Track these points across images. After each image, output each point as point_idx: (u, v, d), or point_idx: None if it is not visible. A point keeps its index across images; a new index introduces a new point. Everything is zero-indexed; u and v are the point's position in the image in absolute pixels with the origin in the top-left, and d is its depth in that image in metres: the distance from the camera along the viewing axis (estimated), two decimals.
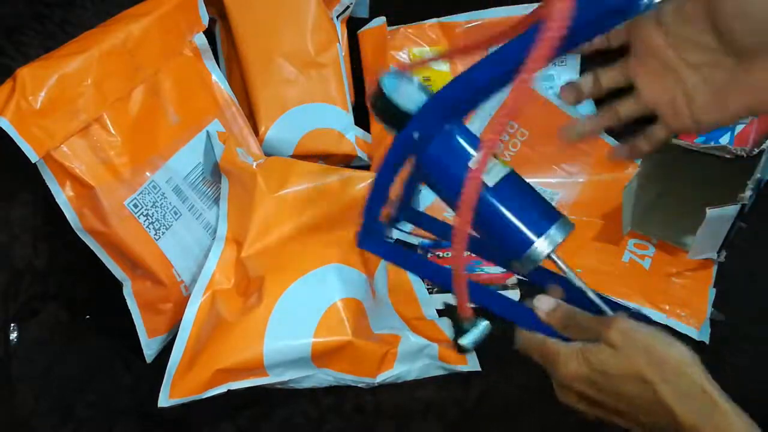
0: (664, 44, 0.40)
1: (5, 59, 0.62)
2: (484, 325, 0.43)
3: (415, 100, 0.42)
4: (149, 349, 0.64)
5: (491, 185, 0.41)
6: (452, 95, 0.40)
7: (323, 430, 0.61)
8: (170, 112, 0.65)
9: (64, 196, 0.58)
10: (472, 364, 0.64)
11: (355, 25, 0.84)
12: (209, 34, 0.74)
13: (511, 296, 0.68)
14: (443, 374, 0.64)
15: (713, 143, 0.71)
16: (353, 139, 0.82)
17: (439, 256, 0.74)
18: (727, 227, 0.67)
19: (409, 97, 0.42)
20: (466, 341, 0.43)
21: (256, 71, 0.78)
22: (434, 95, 0.41)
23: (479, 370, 0.63)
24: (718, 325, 0.67)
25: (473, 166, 0.36)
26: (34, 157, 0.54)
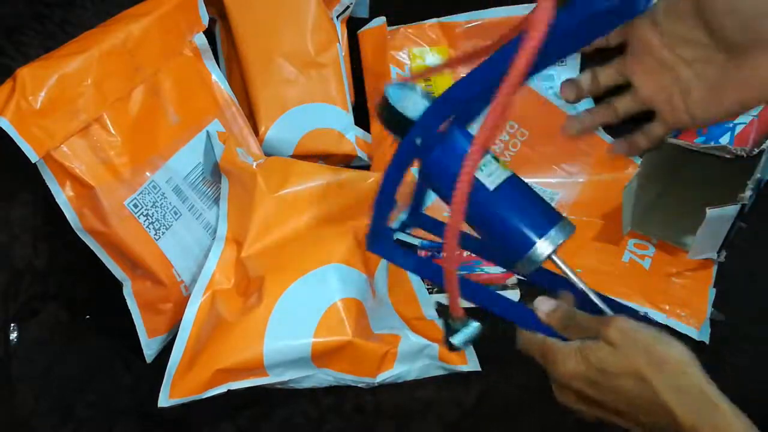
0: (658, 42, 0.41)
1: (5, 59, 0.62)
2: (475, 325, 0.44)
3: (418, 107, 0.42)
4: (149, 349, 0.64)
5: (492, 189, 0.42)
6: (450, 102, 0.41)
7: (323, 430, 0.61)
8: (170, 112, 0.65)
9: (64, 196, 0.58)
10: (472, 364, 0.64)
11: (355, 25, 0.84)
12: (209, 34, 0.74)
13: (511, 296, 0.69)
14: (443, 374, 0.64)
15: (713, 143, 0.71)
16: (353, 139, 0.82)
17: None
18: (727, 227, 0.67)
19: (413, 105, 0.43)
20: (456, 340, 0.44)
21: (256, 71, 0.78)
22: (433, 103, 0.42)
23: (479, 370, 0.63)
24: (718, 325, 0.67)
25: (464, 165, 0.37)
26: (34, 157, 0.54)
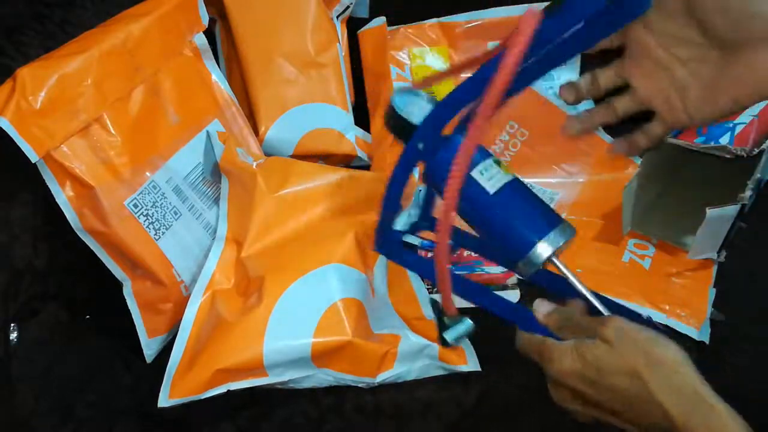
0: (653, 43, 0.41)
1: (5, 59, 0.62)
2: (468, 323, 0.45)
3: (423, 113, 0.44)
4: (149, 349, 0.64)
5: (492, 192, 0.43)
6: (450, 107, 0.42)
7: (323, 430, 0.60)
8: (170, 112, 0.65)
9: (64, 196, 0.58)
10: (472, 364, 0.64)
11: (355, 25, 0.84)
12: (209, 34, 0.74)
13: (511, 296, 0.69)
14: (443, 374, 0.64)
15: (713, 143, 0.71)
16: (353, 139, 0.82)
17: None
18: (727, 227, 0.67)
19: (418, 110, 0.44)
20: (449, 336, 0.45)
21: (256, 71, 0.78)
22: (433, 108, 0.43)
23: (479, 370, 0.63)
24: (718, 325, 0.67)
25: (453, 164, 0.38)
26: (34, 157, 0.54)
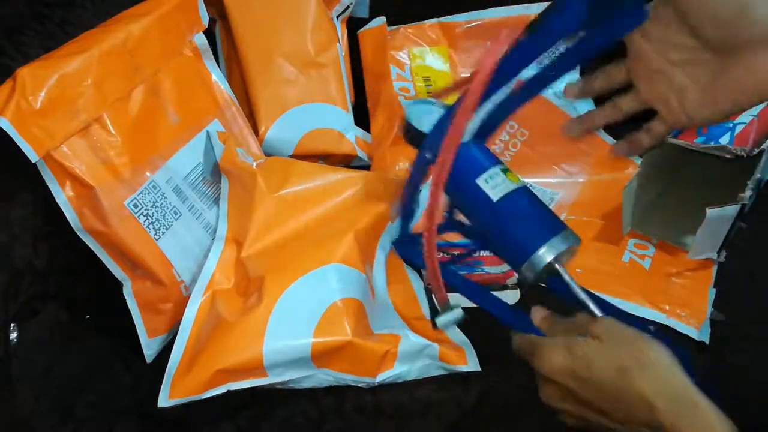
0: (650, 49, 0.42)
1: (5, 59, 0.62)
2: (459, 312, 0.47)
3: (433, 123, 0.45)
4: (149, 349, 0.64)
5: (495, 200, 0.44)
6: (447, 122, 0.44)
7: (323, 430, 0.60)
8: (170, 112, 0.65)
9: (64, 196, 0.58)
10: (472, 364, 0.64)
11: (355, 25, 0.84)
12: (209, 34, 0.74)
13: (511, 296, 0.69)
14: (443, 374, 0.64)
15: (713, 143, 0.71)
16: (353, 139, 0.82)
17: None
18: (727, 227, 0.67)
19: (431, 120, 0.46)
20: (439, 321, 0.47)
21: (256, 71, 0.78)
22: (438, 119, 0.45)
23: (479, 370, 0.63)
24: (718, 325, 0.67)
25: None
26: (34, 157, 0.54)
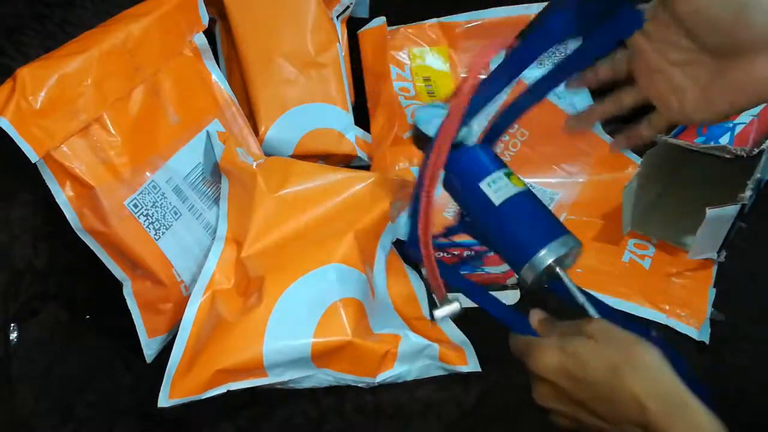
0: (649, 48, 0.42)
1: (5, 59, 0.62)
2: (456, 305, 0.48)
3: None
4: (149, 349, 0.64)
5: (497, 204, 0.45)
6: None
7: (323, 430, 0.60)
8: (170, 112, 0.65)
9: (64, 196, 0.58)
10: (472, 364, 0.64)
11: (355, 25, 0.84)
12: (209, 34, 0.74)
13: (510, 296, 0.69)
14: (443, 374, 0.64)
15: (713, 143, 0.71)
16: (353, 139, 0.82)
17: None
18: (727, 227, 0.67)
19: (437, 124, 0.46)
20: (437, 313, 0.48)
21: (256, 71, 0.78)
22: (438, 129, 0.46)
23: (479, 370, 0.63)
24: (718, 325, 0.67)
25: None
26: (34, 157, 0.54)
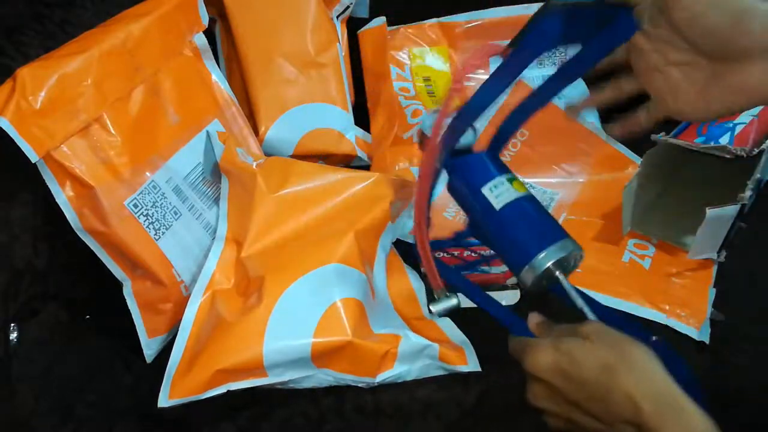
0: (649, 47, 0.42)
1: (5, 59, 0.62)
2: (454, 301, 0.49)
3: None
4: (149, 349, 0.64)
5: (498, 208, 0.46)
6: (454, 133, 0.48)
7: (323, 430, 0.60)
8: (170, 112, 0.65)
9: (64, 196, 0.58)
10: (472, 364, 0.64)
11: (355, 25, 0.84)
12: (209, 34, 0.74)
13: (510, 296, 0.69)
14: (443, 374, 0.64)
15: (713, 143, 0.71)
16: (353, 139, 0.82)
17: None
18: (727, 227, 0.67)
19: None
20: (434, 308, 0.49)
21: (256, 71, 0.78)
22: (441, 138, 0.47)
23: (479, 370, 0.63)
24: (718, 325, 0.67)
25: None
26: (34, 157, 0.54)
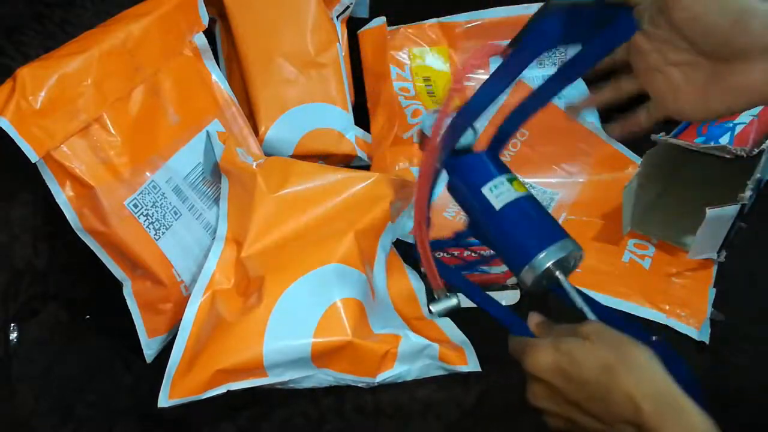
0: (649, 47, 0.42)
1: (5, 59, 0.62)
2: (454, 300, 0.49)
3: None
4: (149, 349, 0.64)
5: (498, 208, 0.46)
6: (453, 135, 0.48)
7: (323, 430, 0.60)
8: (170, 112, 0.65)
9: (64, 196, 0.58)
10: (472, 364, 0.64)
11: (355, 25, 0.84)
12: (209, 34, 0.74)
13: (511, 296, 0.69)
14: (443, 374, 0.64)
15: (713, 143, 0.71)
16: (353, 139, 0.82)
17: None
18: (727, 227, 0.67)
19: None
20: (434, 308, 0.50)
21: (256, 71, 0.78)
22: (441, 138, 0.47)
23: (479, 370, 0.63)
24: (718, 325, 0.67)
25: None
26: (34, 157, 0.54)
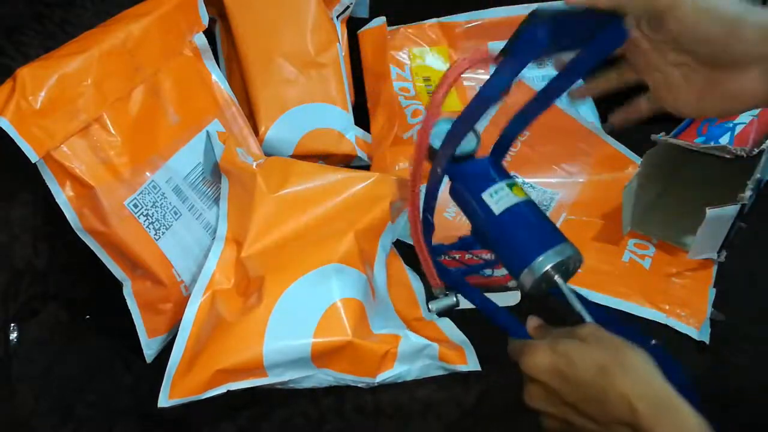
0: (648, 47, 0.43)
1: (5, 59, 0.62)
2: (452, 299, 0.50)
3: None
4: (149, 349, 0.64)
5: (497, 213, 0.47)
6: (451, 142, 0.48)
7: (323, 430, 0.60)
8: (170, 112, 0.65)
9: (64, 196, 0.58)
10: (472, 364, 0.64)
11: (355, 25, 0.84)
12: (209, 34, 0.74)
13: (511, 297, 0.69)
14: (443, 374, 0.64)
15: (713, 143, 0.71)
16: (353, 139, 0.82)
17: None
18: (727, 227, 0.67)
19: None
20: (432, 306, 0.51)
21: (256, 71, 0.78)
22: (441, 144, 0.48)
23: (479, 370, 0.63)
24: (718, 325, 0.67)
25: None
26: (34, 157, 0.54)
